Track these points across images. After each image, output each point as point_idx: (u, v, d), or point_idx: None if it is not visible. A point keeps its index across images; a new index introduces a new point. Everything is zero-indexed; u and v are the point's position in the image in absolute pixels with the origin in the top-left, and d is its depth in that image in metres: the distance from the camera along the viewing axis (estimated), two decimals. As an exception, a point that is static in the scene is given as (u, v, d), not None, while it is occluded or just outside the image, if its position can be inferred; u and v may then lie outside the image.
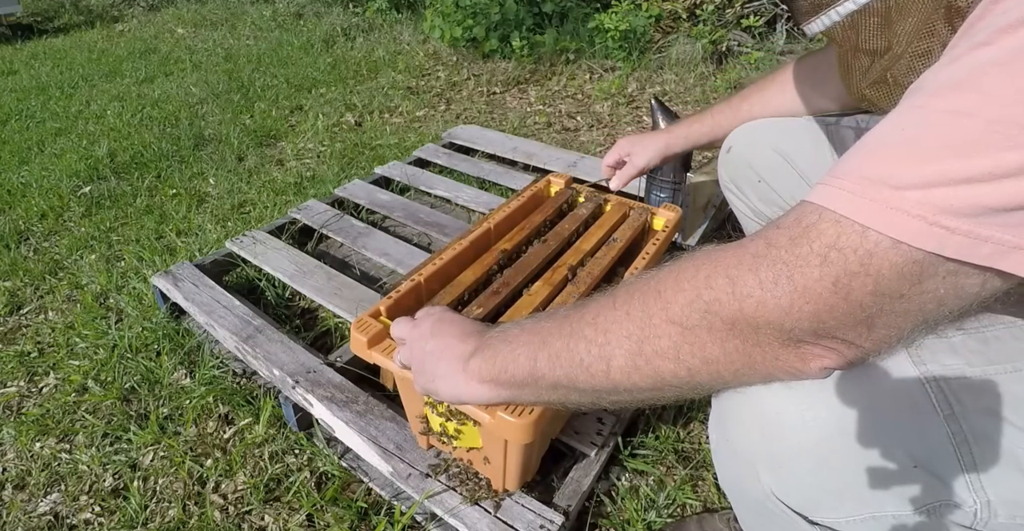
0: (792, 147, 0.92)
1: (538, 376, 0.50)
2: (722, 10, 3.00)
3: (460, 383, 0.57)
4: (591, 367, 0.46)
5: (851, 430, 0.47)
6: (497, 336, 0.56)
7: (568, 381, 0.48)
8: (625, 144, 1.12)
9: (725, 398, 0.55)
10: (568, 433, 1.00)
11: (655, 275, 0.45)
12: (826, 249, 0.36)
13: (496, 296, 0.88)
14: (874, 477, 0.47)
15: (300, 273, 1.40)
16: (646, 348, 0.43)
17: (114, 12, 5.14)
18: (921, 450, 0.47)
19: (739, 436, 0.53)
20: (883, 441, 0.47)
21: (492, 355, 0.54)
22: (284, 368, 1.11)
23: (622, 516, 0.96)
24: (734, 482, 0.57)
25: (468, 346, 0.58)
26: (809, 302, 0.36)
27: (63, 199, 2.01)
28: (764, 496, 0.52)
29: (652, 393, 0.46)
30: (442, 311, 0.66)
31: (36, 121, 2.76)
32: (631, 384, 0.45)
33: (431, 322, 0.64)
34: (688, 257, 0.44)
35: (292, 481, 1.02)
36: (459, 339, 0.59)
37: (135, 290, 1.51)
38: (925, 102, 0.36)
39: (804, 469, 0.49)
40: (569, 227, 1.07)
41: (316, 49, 3.67)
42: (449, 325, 0.62)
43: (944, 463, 0.47)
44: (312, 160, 2.28)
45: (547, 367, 0.49)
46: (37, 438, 1.14)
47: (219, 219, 1.86)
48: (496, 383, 0.54)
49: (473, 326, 0.62)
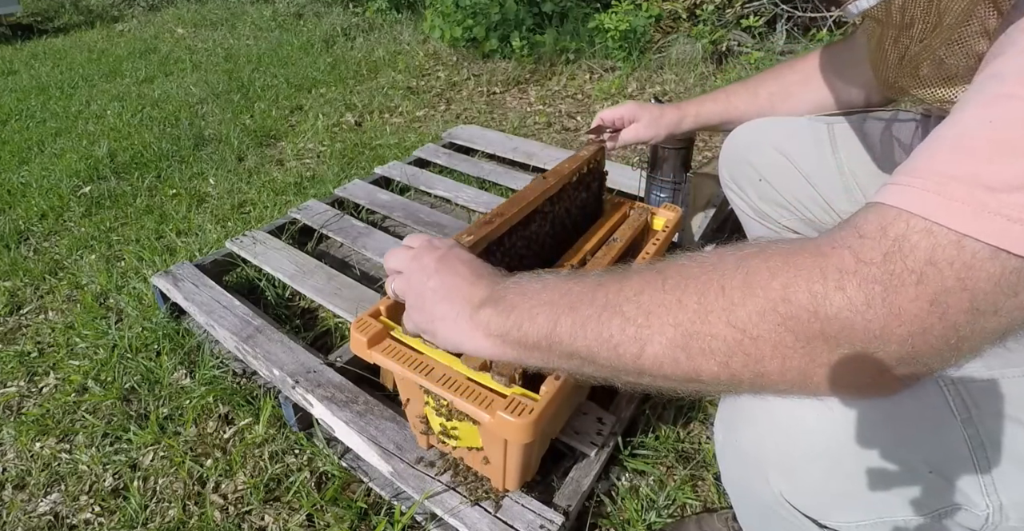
0: (794, 146, 0.92)
1: (554, 342, 0.46)
2: (722, 10, 3.00)
3: (464, 331, 0.52)
4: (620, 346, 0.42)
5: (867, 434, 0.46)
6: (514, 288, 0.51)
7: (588, 354, 0.45)
8: (634, 108, 1.03)
9: (735, 398, 0.53)
10: (568, 433, 1.00)
11: (716, 265, 0.40)
12: (922, 265, 0.32)
13: (488, 226, 0.83)
14: (888, 482, 0.46)
15: (300, 273, 1.40)
16: (693, 344, 0.39)
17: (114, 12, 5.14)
18: (937, 455, 0.46)
19: (750, 437, 0.51)
20: (899, 446, 0.46)
21: (507, 309, 0.49)
22: (284, 368, 1.11)
23: (622, 516, 0.96)
24: (741, 484, 0.56)
25: (479, 292, 0.53)
26: (903, 325, 0.33)
27: (63, 199, 2.01)
28: (773, 499, 0.51)
29: (676, 384, 0.43)
30: (449, 246, 0.60)
31: (36, 121, 2.76)
32: (659, 372, 0.42)
33: (436, 257, 0.58)
34: (755, 252, 0.40)
35: (292, 481, 1.02)
36: (468, 282, 0.54)
37: (135, 290, 1.51)
38: (1014, 91, 0.32)
39: (817, 472, 0.47)
40: (569, 166, 1.00)
41: (316, 49, 3.67)
42: (457, 263, 0.57)
43: (959, 468, 0.46)
44: (312, 160, 2.28)
45: (568, 335, 0.45)
46: (37, 438, 1.14)
47: (219, 219, 1.86)
48: (504, 340, 0.50)
49: (484, 268, 0.57)
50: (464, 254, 0.59)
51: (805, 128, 0.92)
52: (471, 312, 0.52)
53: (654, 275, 0.43)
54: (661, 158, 1.38)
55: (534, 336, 0.47)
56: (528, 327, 0.47)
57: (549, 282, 0.49)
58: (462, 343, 0.53)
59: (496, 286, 0.53)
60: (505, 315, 0.49)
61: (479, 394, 0.74)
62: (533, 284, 0.50)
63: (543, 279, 0.50)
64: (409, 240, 0.63)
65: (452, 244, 0.60)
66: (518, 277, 0.53)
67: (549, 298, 0.47)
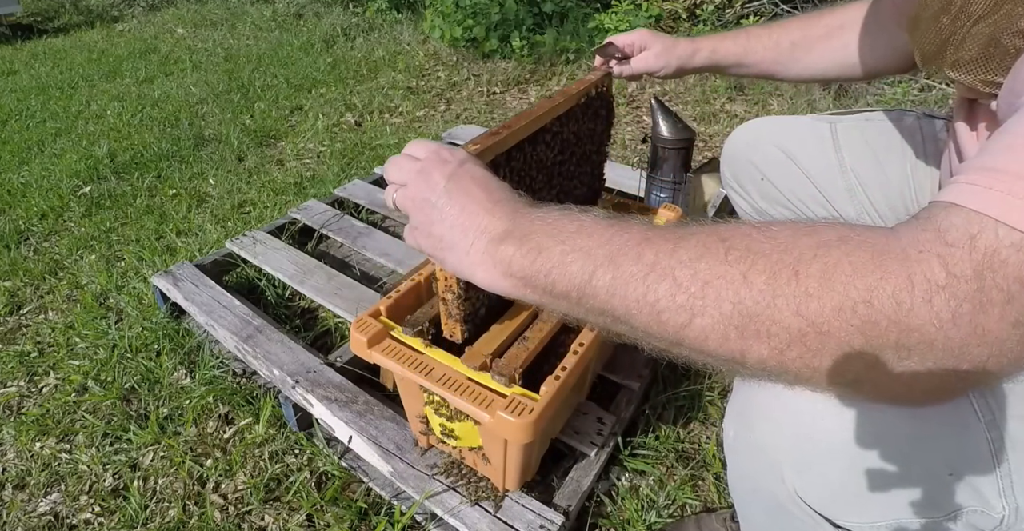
0: (796, 145, 0.92)
1: (587, 295, 0.42)
2: (722, 10, 3.00)
3: (477, 265, 0.47)
4: (665, 313, 0.39)
5: (888, 434, 0.45)
6: (542, 226, 0.45)
7: (624, 315, 0.41)
8: (647, 35, 0.97)
9: (749, 393, 0.52)
10: (568, 433, 1.00)
11: (790, 246, 0.37)
12: (1011, 283, 0.31)
13: (495, 136, 0.74)
14: (907, 484, 0.45)
15: (300, 273, 1.40)
16: (751, 325, 0.36)
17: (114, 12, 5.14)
18: (959, 457, 0.45)
19: (766, 433, 0.50)
20: (921, 447, 0.45)
21: (533, 250, 0.44)
22: (284, 368, 1.11)
23: (622, 516, 0.96)
24: (752, 481, 0.55)
25: (498, 222, 0.47)
26: (983, 345, 0.32)
27: (63, 199, 2.01)
28: (787, 497, 0.50)
29: (711, 361, 0.40)
30: (461, 161, 0.52)
31: (36, 121, 2.76)
32: (700, 346, 0.39)
33: (447, 172, 0.51)
34: (835, 240, 0.36)
35: (292, 481, 1.02)
36: (485, 208, 0.48)
37: (135, 290, 1.51)
38: None
39: (834, 471, 0.47)
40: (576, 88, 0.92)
41: (316, 49, 3.67)
42: (471, 183, 0.50)
43: (980, 470, 0.45)
44: (312, 160, 2.28)
45: (605, 291, 0.41)
46: (37, 438, 1.14)
47: (219, 219, 1.86)
48: (527, 283, 0.45)
49: (501, 191, 0.50)
50: (478, 171, 0.52)
51: (807, 127, 0.92)
52: (488, 246, 0.46)
53: (715, 242, 0.39)
54: (661, 158, 1.38)
55: (563, 286, 0.43)
56: (558, 275, 0.43)
57: (585, 224, 0.44)
58: (474, 276, 0.48)
59: (518, 217, 0.47)
60: (531, 257, 0.44)
61: (479, 394, 0.74)
62: (565, 224, 0.44)
63: (577, 219, 0.44)
64: (413, 148, 0.55)
65: (464, 158, 0.53)
66: (544, 210, 0.47)
67: (585, 245, 0.42)
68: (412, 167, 0.52)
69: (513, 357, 0.78)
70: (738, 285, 0.36)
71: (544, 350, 0.84)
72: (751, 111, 2.51)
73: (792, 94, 2.54)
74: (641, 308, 0.39)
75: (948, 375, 0.34)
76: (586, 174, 1.01)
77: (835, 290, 0.34)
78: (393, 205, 0.55)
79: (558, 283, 0.43)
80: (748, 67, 0.94)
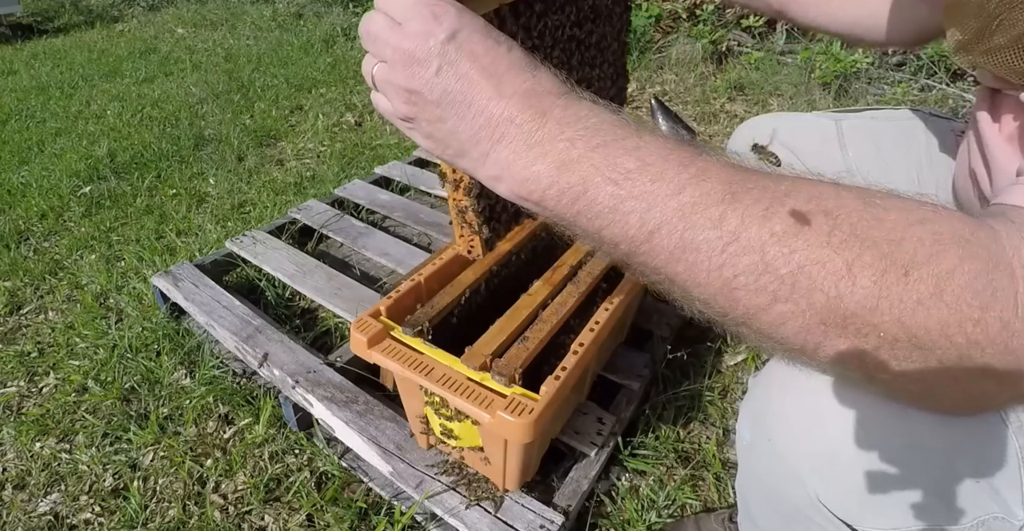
0: (801, 143, 0.91)
1: (641, 252, 0.35)
2: (722, 10, 3.00)
3: (497, 180, 0.39)
4: (740, 291, 0.33)
5: (916, 440, 0.44)
6: (585, 151, 0.36)
7: (686, 282, 0.35)
8: None
9: (767, 395, 0.51)
10: (568, 433, 1.00)
11: (902, 236, 0.32)
12: None
13: None
14: (933, 489, 0.44)
15: (300, 273, 1.40)
16: (842, 323, 0.32)
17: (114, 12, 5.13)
18: (986, 464, 0.44)
19: (788, 438, 0.48)
20: (948, 454, 0.44)
21: (577, 188, 0.36)
22: (284, 368, 1.11)
23: (622, 516, 0.96)
24: (768, 485, 0.53)
25: (519, 122, 0.37)
26: None
27: (63, 199, 2.01)
28: (807, 502, 0.48)
29: (771, 343, 0.36)
30: (453, 30, 0.38)
31: (36, 121, 2.76)
32: (771, 331, 0.34)
33: (437, 49, 0.38)
34: (951, 238, 0.32)
35: (292, 481, 1.02)
36: (498, 100, 0.37)
37: (135, 290, 1.51)
38: None
39: (858, 476, 0.45)
40: None
41: (316, 49, 3.67)
42: (473, 66, 0.38)
43: (1006, 477, 0.44)
44: (312, 160, 2.28)
45: (667, 253, 0.34)
46: (37, 438, 1.14)
47: (219, 219, 1.86)
48: (563, 220, 0.38)
49: (515, 68, 0.38)
50: (478, 41, 0.38)
51: (812, 125, 0.92)
52: (511, 158, 0.37)
53: (818, 214, 0.33)
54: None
55: (614, 236, 0.36)
56: (607, 223, 0.35)
57: (649, 161, 0.35)
58: (496, 189, 0.40)
59: (548, 114, 0.37)
60: (572, 196, 0.36)
61: (479, 394, 0.74)
62: (620, 154, 0.35)
63: (636, 148, 0.35)
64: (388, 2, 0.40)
65: (456, 24, 0.38)
66: (585, 109, 0.37)
67: (649, 191, 0.34)
68: (391, 39, 0.40)
69: (513, 357, 0.78)
70: (839, 277, 0.32)
71: (544, 350, 0.84)
72: (751, 111, 2.51)
73: (792, 94, 2.55)
74: (711, 281, 0.34)
75: (1017, 394, 0.33)
76: (608, 64, 0.89)
77: (947, 303, 0.31)
78: (373, 83, 0.42)
79: (607, 232, 0.36)
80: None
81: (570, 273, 0.95)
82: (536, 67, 0.40)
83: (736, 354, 1.27)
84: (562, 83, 0.40)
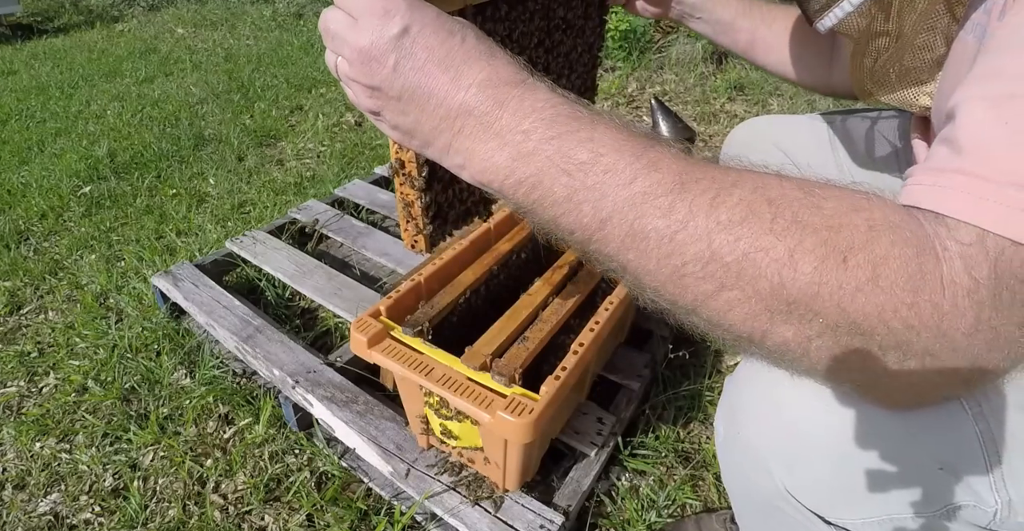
0: (793, 144, 0.92)
1: (594, 240, 0.37)
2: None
3: (460, 168, 0.41)
4: (689, 279, 0.34)
5: (876, 430, 0.45)
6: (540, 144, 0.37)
7: (637, 270, 0.36)
8: None
9: (738, 391, 0.53)
10: (568, 433, 1.00)
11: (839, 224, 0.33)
12: (1018, 284, 0.32)
13: None
14: (897, 479, 0.45)
15: (300, 273, 1.40)
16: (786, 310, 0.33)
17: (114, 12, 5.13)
18: (948, 451, 0.45)
19: (754, 431, 0.50)
20: (909, 441, 0.45)
21: (533, 179, 0.37)
22: (284, 368, 1.11)
23: (622, 516, 0.96)
24: (742, 479, 0.55)
25: (478, 110, 0.38)
26: (996, 349, 0.32)
27: (63, 199, 2.01)
28: (776, 494, 0.50)
29: (721, 332, 0.37)
30: (403, 27, 0.38)
31: (36, 121, 2.76)
32: (719, 318, 0.35)
33: (390, 45, 0.38)
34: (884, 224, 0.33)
35: (292, 481, 1.02)
36: (455, 91, 0.39)
37: (135, 290, 1.51)
38: (1018, 89, 0.32)
39: (823, 467, 0.47)
40: None
41: (316, 49, 3.67)
42: (429, 60, 0.39)
43: (970, 463, 0.45)
44: (312, 160, 2.28)
45: (618, 241, 0.36)
46: (37, 438, 1.14)
47: (219, 219, 1.86)
48: (521, 208, 0.39)
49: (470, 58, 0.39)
50: (430, 35, 0.39)
51: (805, 126, 0.93)
52: (473, 146, 0.39)
53: (761, 203, 0.34)
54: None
55: (569, 225, 0.37)
56: (562, 213, 0.37)
57: (602, 153, 0.36)
58: (460, 175, 0.42)
59: (505, 103, 0.38)
60: (528, 188, 0.37)
61: (479, 394, 0.74)
62: (573, 145, 0.36)
63: (589, 140, 0.36)
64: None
65: (406, 21, 0.39)
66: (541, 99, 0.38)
67: (601, 183, 0.35)
68: (348, 37, 0.40)
69: (513, 357, 0.78)
70: (782, 264, 0.33)
71: (544, 350, 0.84)
72: (751, 111, 2.51)
73: (792, 94, 2.55)
74: (661, 268, 0.35)
75: (960, 378, 0.34)
76: (577, 76, 0.87)
77: (882, 288, 0.32)
78: (338, 76, 0.43)
79: (562, 221, 0.37)
80: (737, 32, 0.88)
81: (570, 273, 0.95)
82: (493, 55, 0.40)
83: (736, 354, 1.27)
84: (519, 70, 0.40)
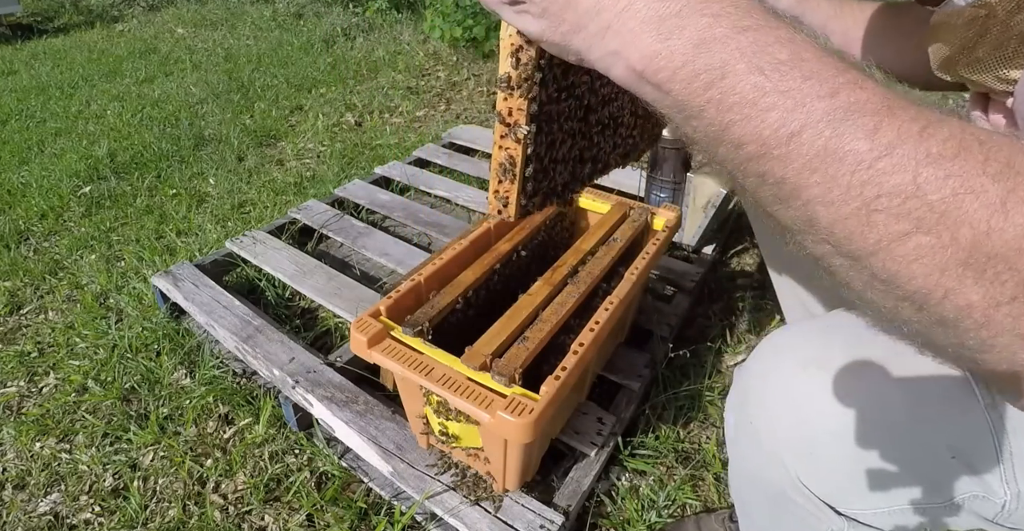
0: None
1: (772, 156, 0.30)
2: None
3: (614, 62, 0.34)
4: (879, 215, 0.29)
5: (890, 419, 0.44)
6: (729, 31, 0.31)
7: (814, 197, 0.30)
8: None
9: (750, 381, 0.52)
10: (568, 433, 1.00)
11: None
12: None
13: None
14: (910, 469, 0.45)
15: (300, 273, 1.40)
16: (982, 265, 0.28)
17: (114, 12, 5.13)
18: (960, 441, 0.45)
19: (766, 419, 0.50)
20: (923, 432, 0.45)
21: (714, 71, 0.31)
22: (284, 368, 1.11)
23: (622, 516, 0.96)
24: (753, 469, 0.55)
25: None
26: None
27: (63, 199, 2.01)
28: (789, 484, 0.50)
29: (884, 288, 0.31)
30: None
31: (36, 121, 2.76)
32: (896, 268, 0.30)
33: None
34: None
35: (292, 481, 1.02)
36: None
37: (135, 290, 1.51)
38: None
39: (836, 456, 0.46)
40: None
41: (316, 49, 3.67)
42: None
43: (982, 454, 0.45)
44: (312, 160, 2.28)
45: (803, 161, 0.30)
46: (37, 438, 1.14)
47: (219, 219, 1.86)
48: (682, 110, 0.33)
49: None
50: None
51: None
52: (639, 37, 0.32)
53: (972, 141, 0.29)
54: (661, 158, 1.38)
55: (741, 133, 0.31)
56: (739, 118, 0.31)
57: (804, 55, 0.30)
58: (608, 71, 0.36)
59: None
60: (706, 80, 0.31)
61: (479, 394, 0.74)
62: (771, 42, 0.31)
63: (790, 40, 0.31)
64: None
65: None
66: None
67: (798, 88, 0.30)
68: None
69: (513, 357, 0.78)
70: (993, 210, 0.27)
71: (544, 350, 0.84)
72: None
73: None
74: (848, 199, 0.29)
75: None
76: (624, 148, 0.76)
77: None
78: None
79: (736, 128, 0.31)
80: (831, 35, 0.78)
81: (570, 273, 0.95)
82: None
83: (736, 354, 1.27)
84: None
